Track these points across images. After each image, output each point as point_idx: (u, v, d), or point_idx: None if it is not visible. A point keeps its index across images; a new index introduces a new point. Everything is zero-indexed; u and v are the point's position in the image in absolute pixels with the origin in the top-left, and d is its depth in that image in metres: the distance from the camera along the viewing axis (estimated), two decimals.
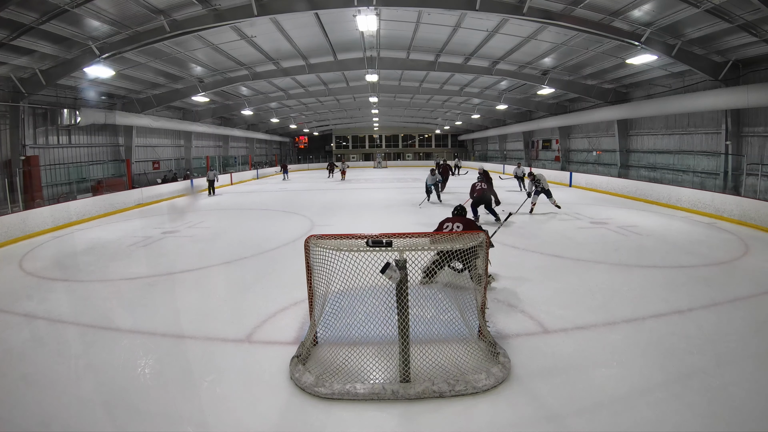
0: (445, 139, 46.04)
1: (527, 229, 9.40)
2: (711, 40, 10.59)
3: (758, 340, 3.97)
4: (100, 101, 15.98)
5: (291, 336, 4.17)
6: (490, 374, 3.27)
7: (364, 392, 3.12)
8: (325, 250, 3.49)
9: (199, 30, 10.40)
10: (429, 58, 15.50)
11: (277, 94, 21.87)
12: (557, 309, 4.72)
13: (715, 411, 2.90)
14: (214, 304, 5.13)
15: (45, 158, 14.03)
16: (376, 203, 14.53)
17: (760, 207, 9.33)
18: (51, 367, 3.68)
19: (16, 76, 11.51)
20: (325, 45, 13.85)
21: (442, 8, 9.89)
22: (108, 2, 8.92)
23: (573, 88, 17.12)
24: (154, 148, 20.80)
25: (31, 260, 7.60)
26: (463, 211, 6.19)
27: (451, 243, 3.67)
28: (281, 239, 8.56)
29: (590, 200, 14.46)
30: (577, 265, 6.52)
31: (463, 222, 5.51)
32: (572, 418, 2.87)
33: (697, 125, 14.40)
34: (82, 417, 2.98)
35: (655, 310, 4.65)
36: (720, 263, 6.60)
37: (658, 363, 3.55)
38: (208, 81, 16.58)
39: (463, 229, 5.19)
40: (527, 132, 27.77)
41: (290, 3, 9.60)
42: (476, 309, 3.80)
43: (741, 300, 4.97)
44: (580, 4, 9.51)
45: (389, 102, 27.00)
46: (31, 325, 4.64)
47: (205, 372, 3.54)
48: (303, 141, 45.35)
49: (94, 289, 5.84)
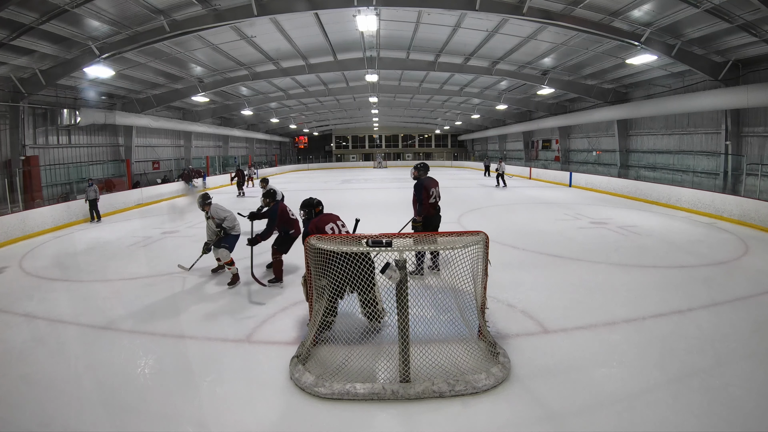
0: (445, 139, 46.06)
1: (527, 228, 9.40)
2: (711, 40, 10.60)
3: (758, 340, 3.97)
4: (100, 101, 15.98)
5: (291, 336, 4.17)
6: (490, 374, 3.27)
7: (364, 392, 3.12)
8: (324, 250, 3.49)
9: (199, 30, 10.40)
10: (429, 58, 15.50)
11: (277, 94, 21.88)
12: (557, 309, 4.72)
13: (715, 411, 2.90)
14: (214, 304, 5.12)
15: (45, 158, 14.03)
16: (377, 203, 14.52)
17: (760, 207, 9.33)
18: (51, 367, 3.68)
19: (16, 76, 11.51)
20: (324, 45, 13.85)
21: (442, 8, 9.90)
22: (108, 2, 8.93)
23: (573, 88, 17.13)
24: (154, 148, 20.80)
25: (31, 260, 7.60)
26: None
27: (451, 243, 3.67)
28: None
29: (590, 200, 14.46)
30: (577, 265, 6.52)
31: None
32: (572, 418, 2.87)
33: (696, 125, 14.41)
34: (82, 417, 2.98)
35: (655, 310, 4.65)
36: (720, 263, 6.60)
37: (658, 363, 3.55)
38: (208, 81, 16.58)
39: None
40: (527, 132, 27.78)
41: (290, 3, 9.60)
42: (476, 309, 3.80)
43: (741, 300, 4.96)
44: (580, 4, 9.51)
45: (389, 102, 27.01)
46: (31, 325, 4.64)
47: (205, 372, 3.54)
48: (303, 141, 45.38)
49: (94, 289, 5.83)
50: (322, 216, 4.42)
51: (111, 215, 12.98)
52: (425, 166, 6.15)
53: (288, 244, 5.86)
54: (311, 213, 4.50)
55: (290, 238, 5.84)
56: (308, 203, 4.51)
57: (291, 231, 5.81)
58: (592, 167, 20.20)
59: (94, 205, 11.63)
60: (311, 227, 4.22)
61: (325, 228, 4.21)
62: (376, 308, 4.04)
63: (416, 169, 6.11)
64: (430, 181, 5.94)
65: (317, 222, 4.27)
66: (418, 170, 6.08)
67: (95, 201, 11.57)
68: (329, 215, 4.44)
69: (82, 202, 11.62)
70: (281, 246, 5.80)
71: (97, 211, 11.67)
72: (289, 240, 5.84)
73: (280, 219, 5.69)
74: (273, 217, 5.62)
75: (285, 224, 5.76)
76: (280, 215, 5.67)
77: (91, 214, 11.67)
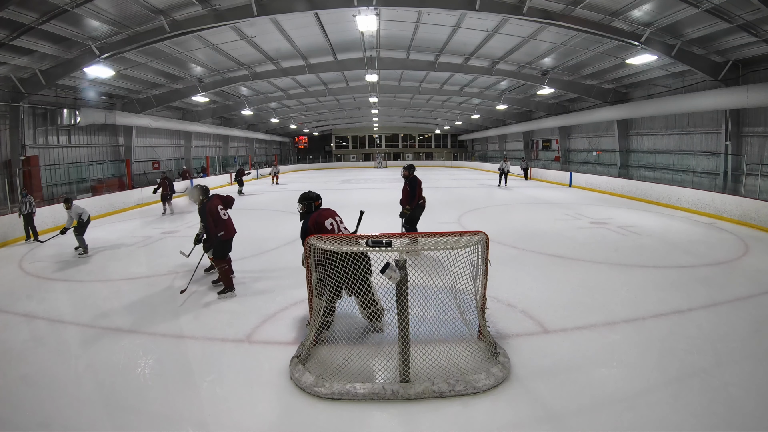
0: (445, 139, 46.06)
1: (527, 228, 9.40)
2: (711, 40, 10.60)
3: (758, 340, 3.97)
4: (99, 101, 15.98)
5: (291, 336, 4.17)
6: (489, 374, 3.27)
7: (364, 392, 3.12)
8: (324, 250, 3.49)
9: (199, 30, 10.40)
10: (429, 58, 15.50)
11: (277, 94, 21.88)
12: (557, 309, 4.72)
13: (715, 411, 2.90)
14: (214, 304, 5.12)
15: (45, 158, 14.04)
16: (377, 203, 14.52)
17: (760, 207, 9.33)
18: (51, 367, 3.68)
19: (16, 76, 11.51)
20: (324, 45, 13.86)
21: (442, 8, 9.90)
22: (108, 2, 8.93)
23: (573, 88, 17.13)
24: (154, 148, 20.80)
25: (31, 260, 7.60)
26: None
27: (451, 243, 3.67)
28: (281, 239, 8.56)
29: (590, 200, 14.46)
30: (577, 265, 6.52)
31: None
32: (572, 418, 2.87)
33: (696, 125, 14.41)
34: (82, 417, 2.98)
35: (655, 310, 4.65)
36: (720, 263, 6.60)
37: (658, 363, 3.55)
38: (208, 81, 16.58)
39: None
40: (527, 132, 27.78)
41: (290, 3, 9.61)
42: (476, 309, 3.80)
43: (741, 300, 4.96)
44: (580, 4, 9.51)
45: (389, 102, 27.01)
46: (31, 325, 4.64)
47: (205, 372, 3.54)
48: (303, 141, 45.40)
49: (94, 289, 5.84)
50: (321, 211, 4.30)
51: (111, 215, 13.00)
52: (413, 167, 7.53)
53: (224, 249, 5.39)
54: (310, 206, 4.36)
55: (221, 242, 5.33)
56: (307, 196, 4.37)
57: (220, 233, 5.29)
58: (592, 167, 20.21)
59: (30, 221, 9.13)
60: (311, 223, 4.14)
61: (325, 223, 4.15)
62: (376, 308, 4.04)
63: (407, 169, 7.43)
64: (418, 179, 7.36)
65: (317, 217, 4.19)
66: (410, 170, 7.39)
67: (30, 215, 9.12)
68: (328, 210, 4.35)
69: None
70: (217, 253, 5.38)
71: (33, 228, 9.20)
72: (222, 243, 5.35)
73: (210, 216, 5.25)
74: (203, 216, 5.28)
75: (215, 222, 5.28)
76: (209, 212, 5.25)
77: (26, 232, 9.18)
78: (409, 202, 7.23)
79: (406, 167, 7.45)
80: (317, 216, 4.20)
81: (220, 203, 5.44)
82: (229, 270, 5.42)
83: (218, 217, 5.31)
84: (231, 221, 5.55)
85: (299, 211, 4.39)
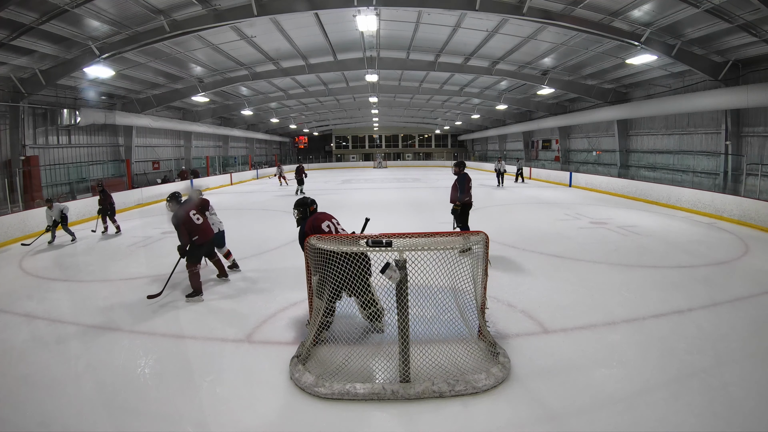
0: (445, 139, 46.07)
1: (527, 228, 9.40)
2: (711, 40, 10.60)
3: (758, 340, 3.97)
4: (99, 101, 15.98)
5: (291, 336, 4.17)
6: (489, 374, 3.27)
7: (364, 392, 3.12)
8: (325, 250, 3.48)
9: (199, 30, 10.40)
10: (429, 58, 15.51)
11: (277, 94, 21.88)
12: (557, 309, 4.72)
13: (715, 411, 2.90)
14: (214, 304, 5.12)
15: (45, 158, 14.03)
16: (377, 203, 14.52)
17: (760, 207, 9.33)
18: (51, 367, 3.68)
19: (16, 76, 11.51)
20: (324, 45, 13.86)
21: (442, 8, 9.90)
22: (108, 2, 8.93)
23: (573, 88, 17.13)
24: (154, 148, 20.80)
25: (31, 260, 7.60)
26: None
27: (451, 243, 3.67)
28: (281, 239, 8.55)
29: (590, 200, 14.46)
30: (577, 265, 6.52)
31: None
32: (572, 418, 2.87)
33: (696, 125, 14.41)
34: (82, 417, 2.98)
35: (655, 310, 4.65)
36: (720, 263, 6.60)
37: (658, 363, 3.55)
38: (208, 81, 16.58)
39: None
40: (527, 132, 27.78)
41: (290, 3, 9.61)
42: (476, 309, 3.80)
43: (741, 300, 4.96)
44: (580, 4, 9.51)
45: (389, 102, 27.01)
46: (31, 325, 4.64)
47: (205, 372, 3.54)
48: (303, 141, 45.40)
49: (94, 289, 5.84)
50: (317, 215, 4.36)
51: None
52: (464, 163, 7.45)
53: (196, 254, 5.35)
54: (306, 212, 4.41)
55: (195, 246, 5.31)
56: (302, 202, 4.43)
57: (194, 237, 5.27)
58: (592, 167, 20.21)
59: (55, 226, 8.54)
60: (308, 227, 4.19)
61: (321, 226, 4.19)
62: (377, 308, 4.04)
63: (458, 165, 7.35)
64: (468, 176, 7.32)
65: (313, 221, 4.24)
66: (460, 167, 7.32)
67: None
68: (323, 214, 4.40)
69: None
70: (190, 258, 5.31)
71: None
72: (195, 248, 5.32)
73: (184, 225, 5.23)
74: (176, 225, 5.26)
75: (190, 230, 5.27)
76: (184, 220, 5.25)
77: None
78: (459, 198, 7.23)
79: (456, 164, 7.38)
80: (313, 220, 4.25)
81: (192, 208, 5.45)
82: (197, 276, 5.32)
83: (191, 224, 5.30)
84: (207, 224, 5.54)
85: (295, 217, 4.44)
